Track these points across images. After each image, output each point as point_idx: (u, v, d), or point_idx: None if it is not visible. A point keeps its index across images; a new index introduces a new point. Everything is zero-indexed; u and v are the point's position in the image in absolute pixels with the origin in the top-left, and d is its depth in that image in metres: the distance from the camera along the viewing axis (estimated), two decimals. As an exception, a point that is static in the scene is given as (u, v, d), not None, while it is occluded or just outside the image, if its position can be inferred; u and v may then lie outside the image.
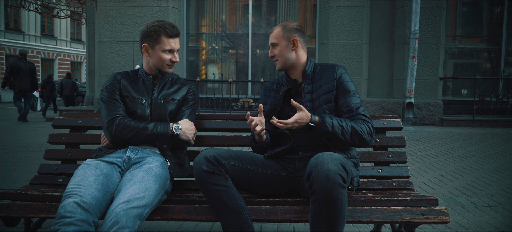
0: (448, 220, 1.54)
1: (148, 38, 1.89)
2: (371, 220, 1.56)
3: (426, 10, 7.81)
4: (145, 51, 1.91)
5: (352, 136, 1.65)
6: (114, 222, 1.38)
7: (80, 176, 1.57)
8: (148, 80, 1.95)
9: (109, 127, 1.78)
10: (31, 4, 10.80)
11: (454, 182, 3.48)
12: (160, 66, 1.92)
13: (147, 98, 1.91)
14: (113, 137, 1.79)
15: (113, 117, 1.79)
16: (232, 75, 9.02)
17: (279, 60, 1.82)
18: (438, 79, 8.00)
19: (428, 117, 7.90)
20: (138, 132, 1.77)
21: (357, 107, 1.73)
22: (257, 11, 9.29)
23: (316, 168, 1.36)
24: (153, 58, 1.90)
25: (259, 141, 1.80)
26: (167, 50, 1.88)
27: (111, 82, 1.91)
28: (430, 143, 5.63)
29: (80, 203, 1.43)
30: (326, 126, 1.61)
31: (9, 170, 3.88)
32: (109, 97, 1.86)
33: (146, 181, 1.56)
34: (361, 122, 1.69)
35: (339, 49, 7.91)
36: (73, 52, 26.88)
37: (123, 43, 8.14)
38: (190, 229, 2.32)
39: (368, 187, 1.93)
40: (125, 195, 1.47)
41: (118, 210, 1.41)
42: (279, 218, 1.58)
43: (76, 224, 1.39)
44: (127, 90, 1.90)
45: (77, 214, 1.40)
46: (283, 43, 1.80)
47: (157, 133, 1.78)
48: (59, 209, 1.43)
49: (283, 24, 1.84)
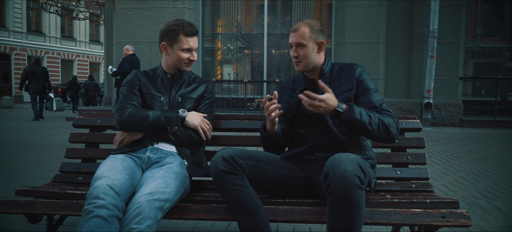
0: (470, 224, 1.50)
1: (167, 37, 1.91)
2: (389, 222, 1.54)
3: (445, 9, 7.64)
4: (164, 49, 1.94)
5: (379, 128, 1.59)
6: (138, 213, 1.41)
7: (109, 165, 1.63)
8: (167, 78, 1.98)
9: (120, 113, 1.83)
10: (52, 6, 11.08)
11: (475, 185, 3.39)
12: (178, 64, 1.94)
13: (165, 96, 1.94)
14: (121, 123, 1.83)
15: (126, 105, 1.85)
16: (247, 75, 9.03)
17: (303, 62, 1.75)
18: (457, 79, 7.83)
19: (447, 117, 7.74)
20: (147, 116, 1.81)
21: (380, 103, 1.69)
22: (272, 11, 9.28)
23: (333, 169, 1.35)
24: (172, 57, 1.93)
25: (270, 130, 1.74)
26: (185, 49, 1.90)
27: (131, 78, 1.97)
28: (449, 144, 5.51)
29: (112, 186, 1.47)
30: (354, 113, 1.54)
31: (31, 168, 3.99)
32: (128, 90, 1.92)
33: (167, 178, 1.59)
34: (387, 116, 1.64)
35: (355, 49, 7.83)
36: (92, 53, 27.45)
37: (140, 44, 8.26)
38: (206, 229, 2.34)
39: (386, 188, 1.90)
40: (148, 188, 1.51)
41: (141, 200, 1.44)
42: (296, 219, 1.57)
43: (108, 208, 1.42)
44: (146, 87, 1.95)
45: (109, 197, 1.44)
46: (310, 44, 1.73)
47: (168, 116, 1.82)
48: (91, 189, 1.47)
49: (309, 23, 1.76)
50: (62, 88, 18.31)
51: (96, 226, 1.38)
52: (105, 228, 1.39)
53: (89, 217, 1.40)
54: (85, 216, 1.42)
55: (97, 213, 1.40)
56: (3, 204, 1.68)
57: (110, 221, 1.41)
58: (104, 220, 1.40)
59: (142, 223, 1.40)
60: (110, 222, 1.41)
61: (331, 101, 1.53)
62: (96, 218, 1.40)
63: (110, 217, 1.42)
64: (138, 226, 1.39)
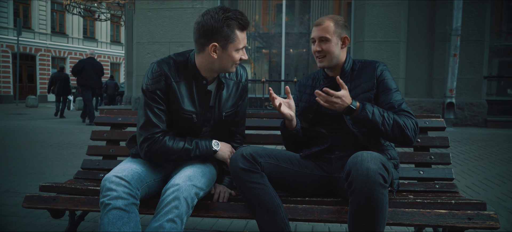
0: (498, 226, 1.45)
1: (219, 36, 1.52)
2: (412, 223, 1.49)
3: (469, 6, 7.42)
4: (213, 51, 1.54)
5: (393, 129, 1.54)
6: (176, 196, 1.43)
7: (122, 164, 1.62)
8: (203, 86, 1.64)
9: (147, 145, 1.59)
10: (75, 8, 11.35)
11: (501, 187, 3.27)
12: (227, 67, 1.60)
13: (199, 111, 1.65)
14: (148, 159, 1.64)
15: (152, 133, 1.59)
16: (265, 74, 9.02)
17: (327, 57, 1.69)
18: (481, 78, 7.59)
19: (470, 117, 7.52)
20: (180, 157, 1.62)
21: (400, 103, 1.64)
22: (291, 10, 9.23)
23: (355, 167, 1.32)
24: (223, 60, 1.57)
25: (288, 126, 1.71)
26: (240, 48, 1.57)
27: (157, 86, 1.58)
28: (473, 145, 5.35)
29: (121, 176, 1.47)
30: (366, 112, 1.52)
31: (54, 165, 4.09)
32: (152, 104, 1.59)
33: (202, 168, 1.61)
34: (404, 117, 1.59)
35: (375, 48, 7.70)
36: (113, 53, 28.01)
37: (159, 44, 8.36)
38: (224, 227, 2.34)
39: (409, 189, 1.85)
40: (185, 173, 1.52)
41: (181, 183, 1.46)
42: (315, 218, 1.55)
43: (124, 197, 1.44)
44: (176, 100, 1.60)
45: (121, 187, 1.45)
46: (334, 39, 1.68)
47: (200, 154, 1.65)
48: (103, 181, 1.48)
49: (333, 17, 1.72)
50: None
51: (116, 218, 1.40)
52: (124, 218, 1.41)
53: (107, 210, 1.42)
54: (103, 209, 1.44)
55: (114, 204, 1.42)
56: (28, 199, 1.73)
57: (128, 210, 1.43)
58: (122, 210, 1.42)
59: (179, 207, 1.42)
60: (128, 210, 1.43)
61: (347, 98, 1.52)
62: (114, 210, 1.41)
63: (127, 206, 1.44)
64: (176, 210, 1.41)
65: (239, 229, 2.31)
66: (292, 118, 1.67)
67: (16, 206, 2.64)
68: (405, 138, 1.57)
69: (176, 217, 1.41)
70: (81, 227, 2.26)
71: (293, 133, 1.73)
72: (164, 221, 1.40)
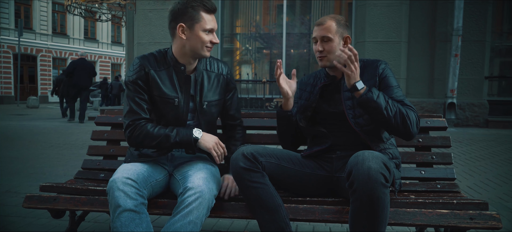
0: (501, 226, 1.44)
1: (184, 17, 1.61)
2: (414, 223, 1.49)
3: (470, 6, 7.41)
4: (181, 32, 1.63)
5: (396, 116, 1.53)
6: (197, 198, 1.45)
7: (124, 165, 1.63)
8: (181, 71, 1.68)
9: (129, 131, 1.65)
10: (76, 9, 11.38)
11: (503, 187, 3.26)
12: (199, 49, 1.65)
13: (180, 96, 1.69)
14: (132, 145, 1.70)
15: (133, 120, 1.64)
16: (266, 75, 9.02)
17: (328, 56, 1.68)
18: (483, 78, 7.58)
19: (471, 118, 7.50)
20: (160, 143, 1.63)
21: (401, 99, 1.63)
22: (291, 10, 9.23)
23: (357, 166, 1.31)
24: (192, 41, 1.63)
25: (284, 105, 1.74)
26: (208, 29, 1.63)
27: (137, 75, 1.65)
28: (474, 145, 5.34)
29: (128, 176, 1.49)
30: (371, 93, 1.52)
31: (56, 165, 4.09)
32: (135, 95, 1.66)
33: (210, 170, 1.63)
34: (408, 108, 1.58)
35: (376, 48, 7.69)
36: (114, 54, 28.03)
37: (160, 45, 8.36)
38: (225, 227, 2.33)
39: (410, 189, 1.84)
40: (201, 175, 1.54)
41: (202, 187, 1.48)
42: (316, 218, 1.54)
43: (133, 198, 1.46)
44: (157, 86, 1.66)
45: (129, 187, 1.47)
46: (336, 39, 1.68)
47: (181, 142, 1.63)
48: (111, 183, 1.48)
49: (335, 17, 1.72)
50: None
51: (128, 220, 1.42)
52: (136, 219, 1.43)
53: (118, 212, 1.43)
54: (114, 212, 1.44)
55: (124, 206, 1.43)
56: (28, 199, 1.72)
57: (139, 211, 1.45)
58: (133, 212, 1.44)
59: (200, 209, 1.46)
60: (139, 211, 1.45)
61: (358, 73, 1.55)
62: (125, 212, 1.43)
63: (137, 207, 1.46)
64: (197, 212, 1.45)
65: (240, 229, 2.31)
66: (288, 97, 1.70)
67: (17, 206, 2.64)
68: (406, 129, 1.55)
69: (196, 219, 1.45)
70: (82, 227, 2.26)
71: (287, 115, 1.74)
72: (185, 222, 1.43)
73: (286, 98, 1.71)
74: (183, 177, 1.62)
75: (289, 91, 1.69)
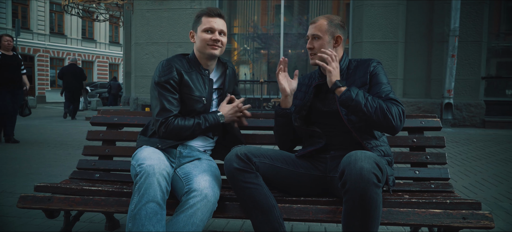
0: (493, 226, 1.45)
1: (194, 24, 1.90)
2: (407, 222, 1.49)
3: (467, 6, 7.43)
4: (191, 37, 1.91)
5: (376, 112, 1.54)
6: (203, 198, 1.50)
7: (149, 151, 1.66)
8: (205, 75, 1.89)
9: (164, 126, 1.75)
10: (73, 8, 11.35)
11: (498, 187, 3.28)
12: (203, 48, 1.84)
13: (206, 95, 1.87)
14: (168, 138, 1.79)
15: (166, 117, 1.76)
16: (264, 75, 9.02)
17: (317, 54, 1.72)
18: (479, 79, 7.60)
19: (468, 118, 7.52)
20: (193, 132, 1.79)
21: (387, 93, 1.63)
22: (289, 11, 9.24)
23: (349, 166, 1.32)
24: (198, 42, 1.86)
25: (282, 103, 1.79)
26: (206, 29, 1.82)
27: (170, 76, 1.79)
28: (470, 145, 5.36)
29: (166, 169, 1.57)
30: (350, 92, 1.55)
31: (52, 166, 4.08)
32: (166, 92, 1.79)
33: (213, 171, 1.71)
34: (390, 103, 1.58)
35: (373, 48, 7.71)
36: (111, 54, 27.98)
37: (158, 45, 8.36)
38: (221, 227, 2.34)
39: (404, 188, 1.85)
40: (206, 178, 1.59)
41: (208, 190, 1.53)
42: (310, 218, 1.55)
43: (164, 191, 1.53)
44: (188, 87, 1.82)
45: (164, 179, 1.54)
46: (326, 37, 1.72)
47: (210, 126, 1.82)
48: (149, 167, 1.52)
49: (328, 17, 1.75)
50: None
51: (152, 212, 1.46)
52: (159, 214, 1.48)
53: (146, 201, 1.47)
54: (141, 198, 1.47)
55: (154, 198, 1.48)
56: (23, 199, 1.72)
57: (164, 206, 1.51)
58: (159, 206, 1.49)
59: (204, 211, 1.51)
60: (163, 207, 1.51)
61: (338, 71, 1.63)
62: (152, 203, 1.47)
63: (164, 202, 1.52)
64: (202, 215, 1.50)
65: (235, 229, 2.31)
66: (286, 94, 1.75)
67: (12, 207, 2.63)
68: (388, 123, 1.55)
69: (200, 221, 1.50)
70: (77, 227, 2.26)
71: (286, 113, 1.78)
72: (188, 223, 1.48)
73: (284, 95, 1.75)
74: (187, 177, 1.64)
75: (287, 88, 1.74)
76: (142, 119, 2.17)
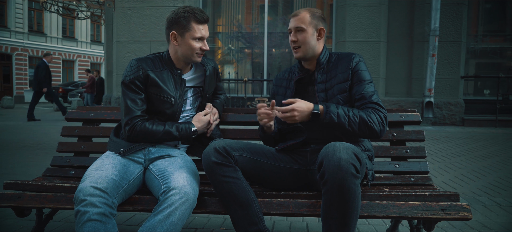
0: (470, 217, 1.46)
1: (176, 26, 1.74)
2: (387, 215, 1.49)
3: (447, 7, 7.58)
4: (173, 39, 1.76)
5: (361, 127, 1.54)
6: (183, 196, 1.45)
7: (98, 163, 1.61)
8: (177, 74, 1.81)
9: (128, 129, 1.69)
10: (52, 5, 11.06)
11: (476, 182, 3.34)
12: (189, 55, 1.77)
13: (176, 95, 1.78)
14: (132, 140, 1.72)
15: (131, 118, 1.70)
16: (248, 74, 8.99)
17: (302, 47, 1.69)
18: (459, 78, 7.76)
19: (448, 116, 7.67)
20: (162, 138, 1.72)
21: (370, 95, 1.62)
22: (273, 10, 9.24)
23: (327, 157, 1.30)
24: (182, 47, 1.76)
25: (267, 130, 1.75)
26: (197, 38, 1.74)
27: (135, 74, 1.72)
28: (450, 142, 5.46)
29: (96, 186, 1.45)
30: (330, 116, 1.52)
31: (28, 165, 3.95)
32: (131, 92, 1.72)
33: (191, 168, 1.65)
34: (371, 111, 1.57)
35: (356, 48, 7.78)
36: (93, 53, 27.43)
37: (140, 43, 8.22)
38: (202, 225, 2.29)
39: (385, 182, 1.85)
40: (184, 175, 1.54)
41: (188, 189, 1.48)
42: (290, 212, 1.52)
43: (98, 206, 1.42)
44: (156, 85, 1.74)
45: (96, 196, 1.42)
46: (310, 30, 1.68)
47: (181, 136, 1.75)
48: (76, 193, 1.45)
49: (310, 9, 1.72)
50: (63, 88, 18.50)
51: (92, 229, 1.38)
52: (101, 229, 1.39)
53: (83, 221, 1.39)
54: (78, 219, 1.40)
55: (89, 216, 1.39)
56: (-9, 197, 1.64)
57: (104, 221, 1.41)
58: (98, 222, 1.40)
59: (183, 209, 1.45)
60: (104, 221, 1.41)
61: (303, 107, 1.53)
62: (89, 222, 1.39)
63: (104, 216, 1.42)
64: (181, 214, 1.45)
65: (216, 226, 2.27)
66: (271, 126, 1.72)
67: (-17, 207, 2.52)
68: (373, 133, 1.57)
69: (178, 220, 1.45)
70: (51, 226, 2.18)
71: (272, 137, 1.79)
72: (167, 223, 1.42)
73: (268, 129, 1.74)
74: (163, 175, 1.58)
75: (271, 123, 1.70)
76: (119, 115, 2.11)
